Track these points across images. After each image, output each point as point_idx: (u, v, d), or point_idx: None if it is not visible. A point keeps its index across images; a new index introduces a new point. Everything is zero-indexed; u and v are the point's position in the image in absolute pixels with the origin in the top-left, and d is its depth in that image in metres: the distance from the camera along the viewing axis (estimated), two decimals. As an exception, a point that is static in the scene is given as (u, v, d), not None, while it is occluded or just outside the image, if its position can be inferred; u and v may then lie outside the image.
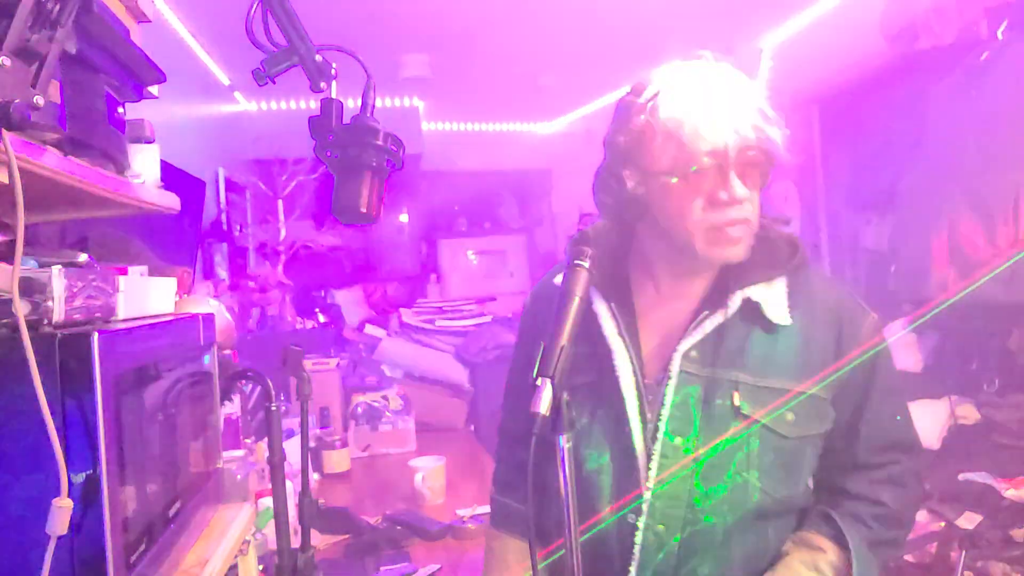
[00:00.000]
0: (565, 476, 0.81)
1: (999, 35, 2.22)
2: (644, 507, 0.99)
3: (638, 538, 0.99)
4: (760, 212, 1.01)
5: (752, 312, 1.01)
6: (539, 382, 0.80)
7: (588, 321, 1.03)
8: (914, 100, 2.53)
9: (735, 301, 1.00)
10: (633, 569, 0.99)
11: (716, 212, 0.97)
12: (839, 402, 1.03)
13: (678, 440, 0.99)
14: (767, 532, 1.02)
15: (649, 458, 0.99)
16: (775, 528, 1.03)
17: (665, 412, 1.00)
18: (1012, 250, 2.03)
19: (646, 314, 1.08)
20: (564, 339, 0.82)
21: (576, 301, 0.86)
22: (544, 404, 0.78)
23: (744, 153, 0.95)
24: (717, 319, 1.01)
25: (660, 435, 0.99)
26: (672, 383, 1.00)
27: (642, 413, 1.02)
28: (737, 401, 0.99)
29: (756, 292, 1.01)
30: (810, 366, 1.01)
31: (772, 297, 1.01)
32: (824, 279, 1.10)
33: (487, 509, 1.99)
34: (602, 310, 1.06)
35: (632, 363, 1.03)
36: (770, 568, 1.01)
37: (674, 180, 0.97)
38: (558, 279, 1.16)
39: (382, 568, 1.66)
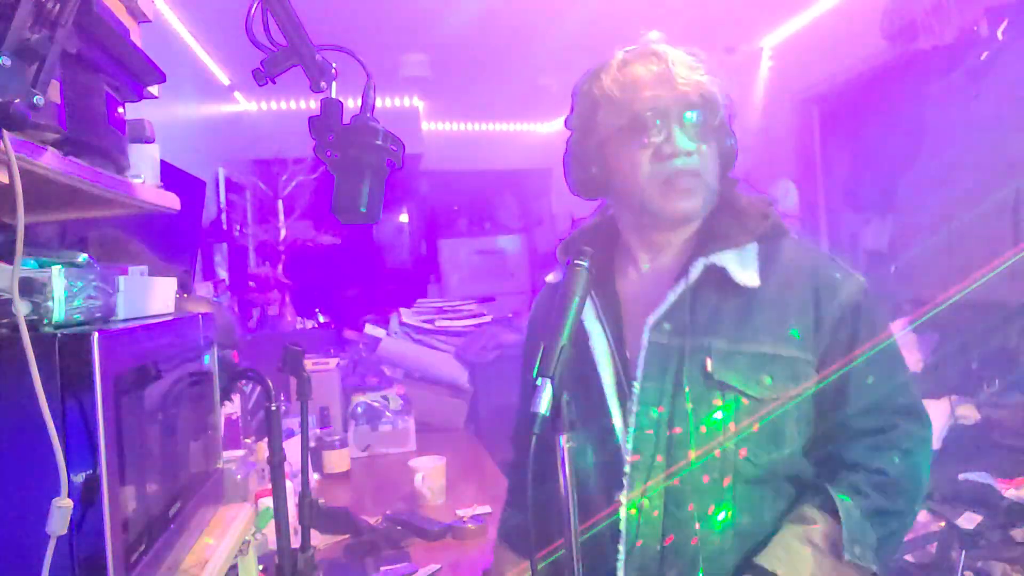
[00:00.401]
0: (565, 476, 0.81)
1: (999, 35, 2.22)
2: (626, 481, 0.99)
3: (622, 513, 0.99)
4: (721, 175, 1.06)
5: (720, 278, 1.02)
6: (539, 382, 0.80)
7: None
8: (914, 100, 2.53)
9: (697, 268, 1.02)
10: (622, 547, 0.99)
11: (663, 164, 1.01)
12: (826, 365, 1.02)
13: (652, 411, 1.00)
14: (759, 503, 1.00)
15: (625, 431, 1.01)
16: (768, 498, 1.01)
17: (638, 384, 1.01)
18: (1012, 250, 2.03)
19: (629, 297, 1.10)
20: (564, 339, 0.82)
21: (576, 301, 0.87)
22: (544, 404, 0.78)
23: (683, 105, 1.01)
24: (679, 288, 1.02)
25: (635, 407, 1.00)
26: (643, 354, 1.02)
27: (619, 390, 1.03)
28: (710, 367, 0.99)
29: (721, 258, 1.02)
30: (785, 328, 1.00)
31: (740, 262, 1.02)
32: (799, 244, 1.10)
33: (487, 509, 2.00)
34: (586, 300, 1.08)
35: (609, 343, 1.05)
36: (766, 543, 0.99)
37: (621, 141, 1.04)
38: (550, 277, 1.19)
39: (382, 568, 1.66)
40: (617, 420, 1.02)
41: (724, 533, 0.98)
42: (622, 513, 0.99)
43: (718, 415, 0.98)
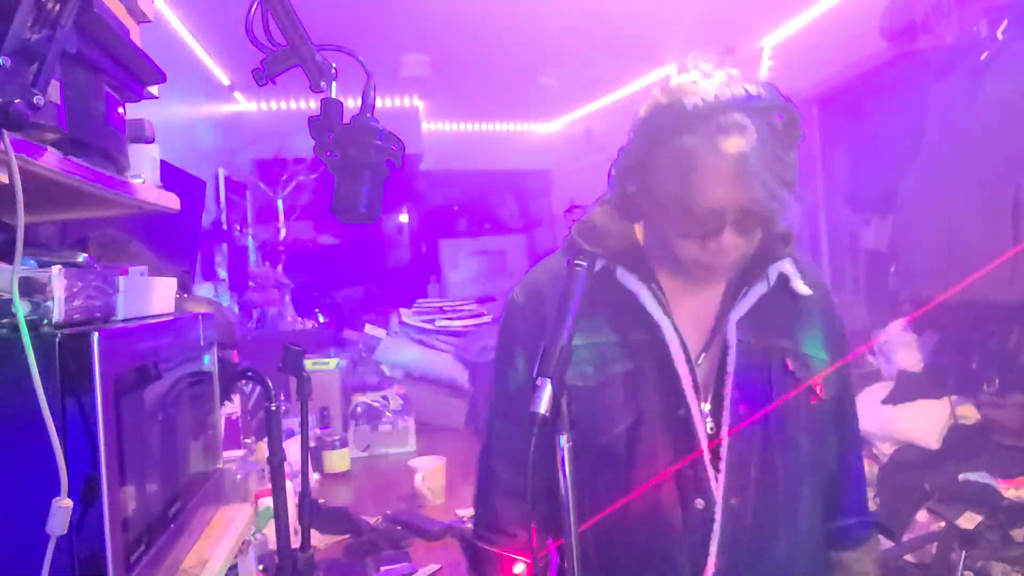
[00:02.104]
0: (565, 476, 0.80)
1: (999, 35, 2.22)
2: (714, 484, 0.97)
3: (717, 515, 0.96)
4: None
5: (783, 286, 1.06)
6: (539, 382, 0.79)
7: (622, 305, 1.03)
8: (914, 100, 2.53)
9: (773, 273, 1.05)
10: (713, 549, 0.96)
11: (703, 253, 0.97)
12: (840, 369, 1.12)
13: (742, 409, 1.00)
14: (812, 501, 1.07)
15: (715, 432, 0.98)
16: (815, 498, 1.08)
17: (729, 382, 0.99)
18: (1012, 250, 2.03)
19: (675, 296, 1.06)
20: (564, 339, 0.82)
21: (576, 301, 0.86)
22: (544, 404, 0.78)
23: (743, 214, 0.94)
24: (760, 289, 1.04)
25: (727, 406, 0.98)
26: (732, 353, 1.00)
27: (697, 391, 1.00)
28: (791, 367, 1.03)
29: (783, 266, 1.06)
30: (819, 334, 1.09)
31: (793, 272, 1.08)
32: (808, 260, 1.17)
33: (487, 509, 2.00)
34: (642, 290, 1.04)
35: (680, 339, 1.02)
36: (817, 535, 1.09)
37: (671, 213, 0.97)
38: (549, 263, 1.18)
39: (382, 568, 1.66)
40: (698, 422, 0.98)
41: (806, 533, 1.05)
42: (717, 514, 0.96)
43: (795, 413, 1.02)
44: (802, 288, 1.07)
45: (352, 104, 0.89)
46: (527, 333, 1.11)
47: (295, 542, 1.30)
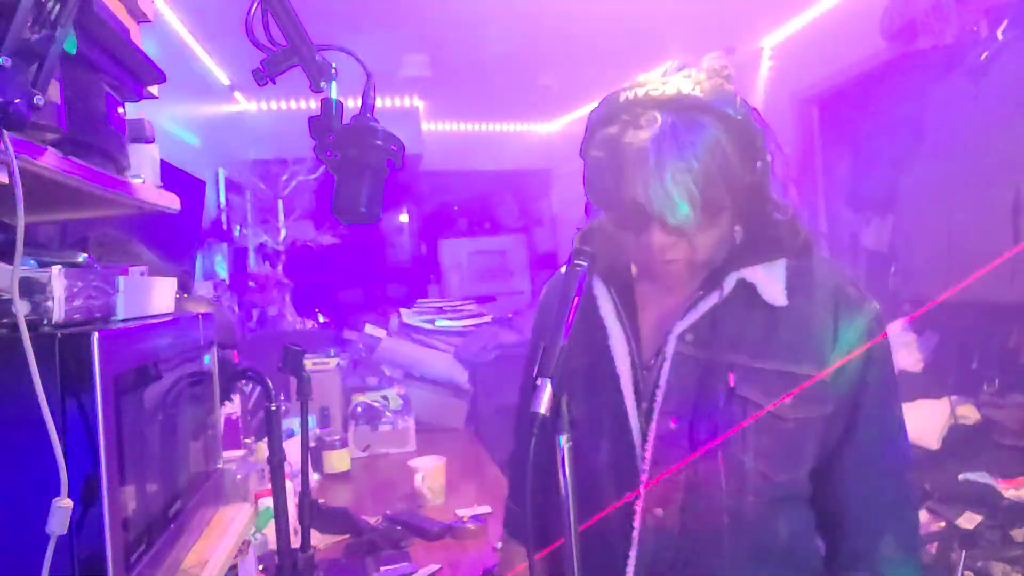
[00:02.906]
0: (565, 476, 0.81)
1: (999, 35, 2.22)
2: (642, 490, 0.98)
3: (636, 522, 0.98)
4: (764, 195, 1.00)
5: (749, 294, 1.00)
6: (539, 382, 0.80)
7: (587, 305, 1.05)
8: (914, 100, 2.53)
9: (729, 282, 1.00)
10: (632, 554, 0.98)
11: (639, 250, 0.99)
12: (838, 388, 1.00)
13: (673, 422, 0.99)
14: (775, 522, 1.00)
15: (645, 440, 0.99)
16: (783, 518, 1.00)
17: (660, 393, 0.99)
18: (1012, 250, 2.03)
19: (646, 301, 1.09)
20: (564, 339, 0.82)
21: (576, 301, 0.86)
22: (544, 404, 0.78)
23: (665, 212, 0.92)
24: (712, 300, 1.00)
25: (656, 416, 0.98)
26: (667, 364, 1.00)
27: (637, 395, 1.01)
28: (733, 382, 0.98)
29: (752, 273, 1.00)
30: (809, 348, 0.99)
31: (769, 278, 1.00)
32: (827, 264, 1.07)
33: (487, 509, 2.00)
34: (601, 292, 1.07)
35: (628, 344, 1.03)
36: (784, 561, 1.00)
37: (601, 205, 1.02)
38: (564, 268, 1.17)
39: (382, 568, 1.66)
40: (634, 423, 1.00)
41: (738, 552, 0.97)
42: (636, 522, 0.98)
43: (739, 431, 0.97)
44: (773, 297, 0.99)
45: (352, 104, 0.89)
46: (534, 336, 1.18)
47: (295, 542, 1.30)
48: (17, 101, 0.60)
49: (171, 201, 1.19)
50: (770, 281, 1.00)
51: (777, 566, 1.00)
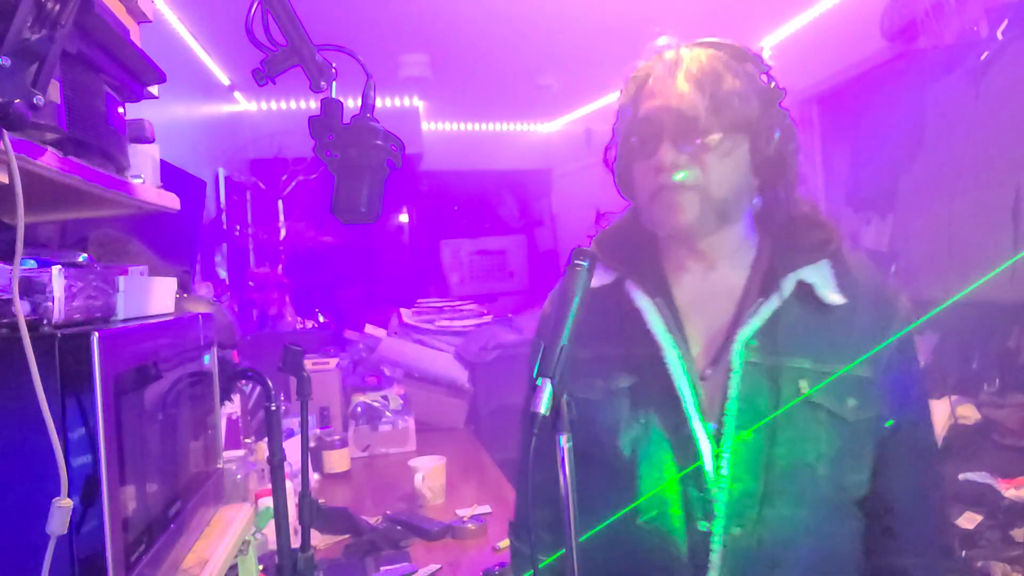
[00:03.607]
0: (565, 476, 0.80)
1: (999, 35, 2.22)
2: (717, 511, 0.92)
3: (715, 544, 0.92)
4: (789, 180, 1.01)
5: (805, 295, 0.97)
6: (539, 382, 0.80)
7: (627, 319, 1.02)
8: (914, 100, 2.53)
9: (789, 283, 0.97)
10: (716, 562, 0.92)
11: (655, 177, 0.97)
12: (887, 386, 0.98)
13: (747, 435, 0.94)
14: (843, 527, 0.98)
15: (718, 459, 0.93)
16: (849, 522, 0.99)
17: (732, 407, 0.94)
18: (1012, 250, 2.03)
19: (686, 308, 1.03)
20: (564, 339, 0.82)
21: (576, 301, 0.86)
22: (544, 404, 0.78)
23: (677, 118, 0.94)
24: (773, 304, 0.96)
25: (727, 431, 0.93)
26: (736, 375, 0.95)
27: (701, 412, 0.95)
28: (804, 388, 0.94)
29: (807, 274, 0.97)
30: (862, 347, 0.96)
31: (822, 278, 0.98)
32: (862, 260, 1.05)
33: (487, 509, 2.00)
34: (645, 305, 1.02)
35: (684, 360, 0.97)
36: (850, 566, 0.98)
37: (628, 155, 1.03)
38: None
39: (382, 568, 1.66)
40: (704, 443, 0.94)
41: (812, 560, 0.94)
42: (715, 545, 0.93)
43: (812, 438, 0.94)
44: (831, 297, 0.97)
45: (352, 104, 0.89)
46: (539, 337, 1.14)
47: (295, 542, 1.30)
48: (17, 101, 0.60)
49: (171, 201, 1.19)
50: (823, 280, 0.98)
51: (844, 571, 0.98)
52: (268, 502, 1.41)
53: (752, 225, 1.05)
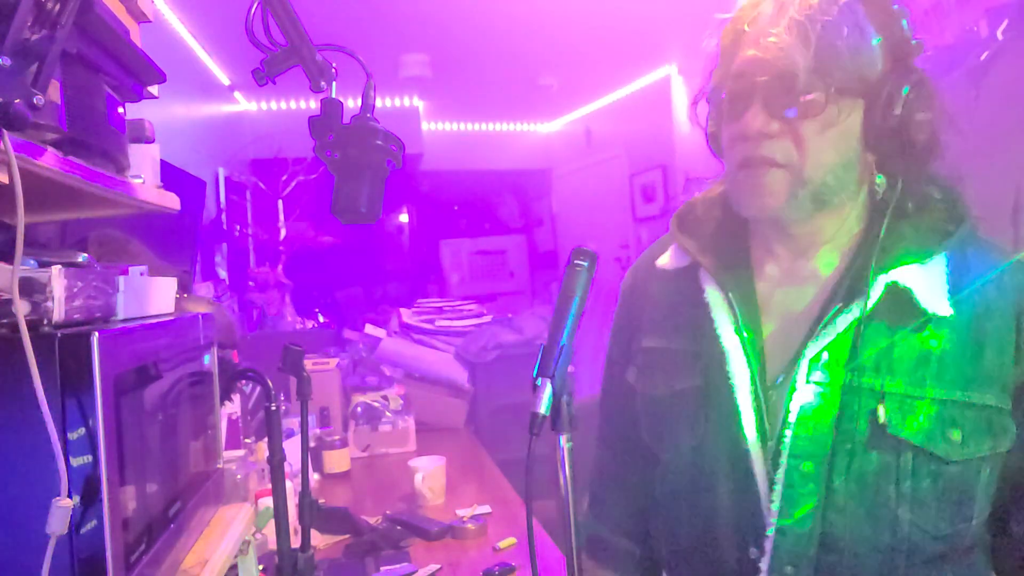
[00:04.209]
0: (565, 476, 0.80)
1: (999, 35, 2.22)
2: (767, 544, 0.81)
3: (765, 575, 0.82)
4: (920, 157, 0.83)
5: (901, 301, 0.79)
6: (539, 383, 0.79)
7: (695, 311, 0.90)
8: (914, 100, 2.53)
9: (877, 288, 0.79)
10: None
11: (741, 146, 0.81)
12: (1019, 412, 0.80)
13: (806, 465, 0.80)
14: None
15: (772, 486, 0.81)
16: (945, 574, 0.82)
17: (789, 432, 0.80)
18: (1012, 250, 2.02)
19: (767, 300, 0.89)
20: (564, 339, 0.82)
21: (576, 301, 0.86)
22: (544, 405, 0.78)
23: (772, 75, 0.77)
24: (853, 313, 0.80)
25: (784, 459, 0.80)
26: (797, 395, 0.81)
27: (761, 429, 0.83)
28: (883, 417, 0.78)
29: (905, 275, 0.79)
30: (983, 368, 0.78)
31: (927, 280, 0.79)
32: (998, 252, 0.84)
33: (487, 509, 2.00)
34: (715, 299, 0.89)
35: (751, 368, 0.84)
36: None
37: (717, 114, 0.86)
38: (662, 260, 0.98)
39: (382, 568, 1.66)
40: (758, 465, 0.83)
41: None
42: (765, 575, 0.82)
43: (889, 475, 0.78)
44: (935, 305, 0.78)
45: (352, 104, 0.89)
46: (616, 329, 1.06)
47: (295, 542, 1.30)
48: (17, 101, 0.60)
49: (171, 201, 1.18)
50: (929, 283, 0.79)
51: None
52: (268, 502, 1.41)
53: (869, 208, 0.87)
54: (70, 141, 0.83)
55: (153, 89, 1.11)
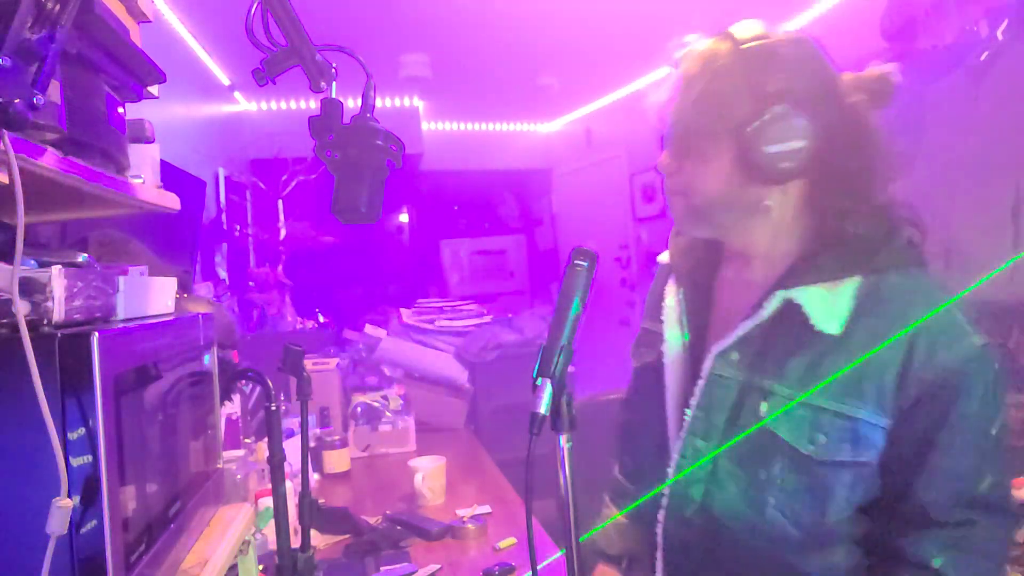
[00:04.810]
0: (565, 476, 0.80)
1: (999, 35, 2.22)
2: (663, 502, 1.00)
3: (659, 529, 1.01)
4: (820, 199, 0.92)
5: (796, 316, 0.90)
6: (539, 383, 0.80)
7: (662, 302, 1.10)
8: (914, 100, 2.53)
9: (772, 303, 0.92)
10: (659, 556, 1.02)
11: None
12: (902, 432, 0.87)
13: (699, 443, 0.96)
14: (799, 568, 0.91)
15: (672, 456, 1.01)
16: (810, 564, 0.91)
17: (690, 412, 0.98)
18: (1012, 250, 2.03)
19: (719, 303, 1.05)
20: (564, 339, 0.82)
21: (576, 301, 0.86)
22: (544, 405, 0.78)
23: (668, 124, 1.00)
24: (754, 320, 0.94)
25: (684, 434, 0.98)
26: (701, 383, 0.98)
27: (677, 407, 1.02)
28: (764, 411, 0.90)
29: (803, 294, 0.89)
30: (863, 385, 0.86)
31: (826, 301, 0.88)
32: (918, 283, 0.90)
33: (487, 509, 2.00)
34: (669, 292, 1.09)
35: (684, 353, 1.03)
36: None
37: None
38: (662, 256, 1.18)
39: (382, 568, 1.66)
40: (672, 435, 1.02)
41: None
42: (659, 529, 1.01)
43: (763, 463, 0.90)
44: (823, 324, 0.87)
45: (352, 104, 0.89)
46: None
47: (295, 542, 1.30)
48: (17, 101, 0.60)
49: (171, 201, 1.19)
50: (828, 304, 0.88)
51: None
52: (268, 502, 1.41)
53: (812, 232, 0.96)
54: (70, 141, 0.83)
55: (153, 89, 1.11)
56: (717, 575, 0.97)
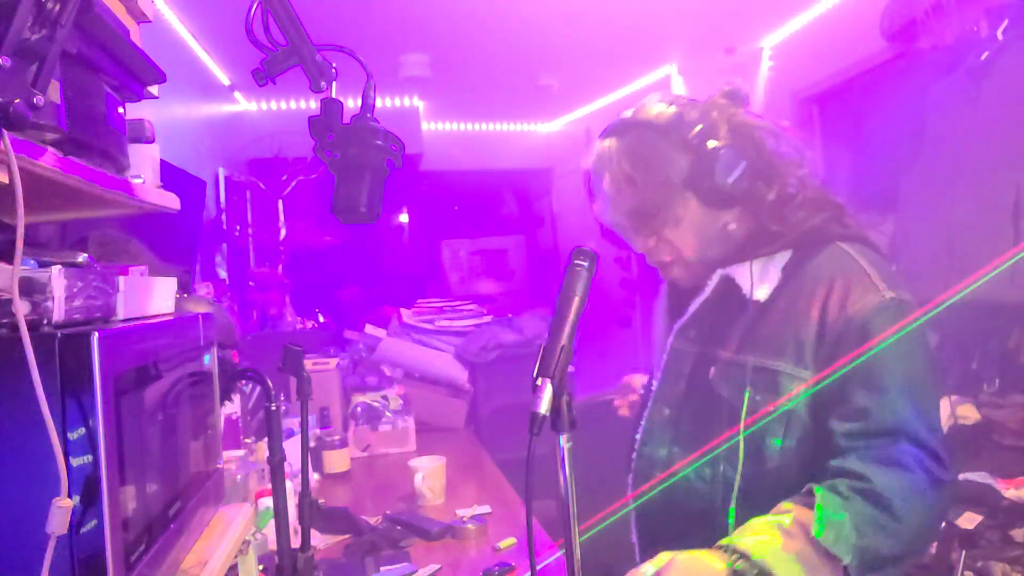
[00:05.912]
0: (565, 476, 0.81)
1: (999, 35, 2.21)
2: (633, 466, 1.14)
3: (629, 489, 1.12)
4: (758, 188, 1.04)
5: (732, 289, 1.07)
6: (539, 383, 0.80)
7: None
8: (914, 100, 2.53)
9: (713, 280, 1.10)
10: (632, 515, 1.16)
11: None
12: (822, 383, 0.98)
13: (664, 409, 1.11)
14: (751, 516, 0.96)
15: (640, 423, 1.16)
16: (760, 512, 0.96)
17: (656, 382, 1.15)
18: (1012, 250, 2.03)
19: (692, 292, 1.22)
20: (564, 339, 0.82)
21: (576, 301, 0.86)
22: (544, 405, 0.78)
23: (619, 218, 1.14)
24: (702, 297, 1.11)
25: (651, 401, 1.14)
26: (665, 356, 1.15)
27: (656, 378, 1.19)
28: (711, 375, 1.04)
29: (737, 270, 1.06)
30: (781, 341, 1.00)
31: (758, 273, 1.04)
32: (839, 253, 1.02)
33: (487, 509, 2.00)
34: (663, 288, 1.30)
35: (666, 336, 1.19)
36: None
37: None
38: None
39: (382, 568, 1.66)
40: (647, 407, 1.20)
41: (708, 540, 0.96)
42: (629, 489, 1.15)
43: (713, 422, 1.04)
44: (753, 292, 1.03)
45: (352, 104, 0.89)
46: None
47: (295, 542, 1.30)
48: (17, 101, 0.60)
49: (171, 201, 1.18)
50: (758, 276, 1.04)
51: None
52: (268, 502, 1.41)
53: (751, 232, 1.13)
54: (70, 141, 0.83)
55: (153, 89, 1.11)
56: (679, 528, 1.05)
